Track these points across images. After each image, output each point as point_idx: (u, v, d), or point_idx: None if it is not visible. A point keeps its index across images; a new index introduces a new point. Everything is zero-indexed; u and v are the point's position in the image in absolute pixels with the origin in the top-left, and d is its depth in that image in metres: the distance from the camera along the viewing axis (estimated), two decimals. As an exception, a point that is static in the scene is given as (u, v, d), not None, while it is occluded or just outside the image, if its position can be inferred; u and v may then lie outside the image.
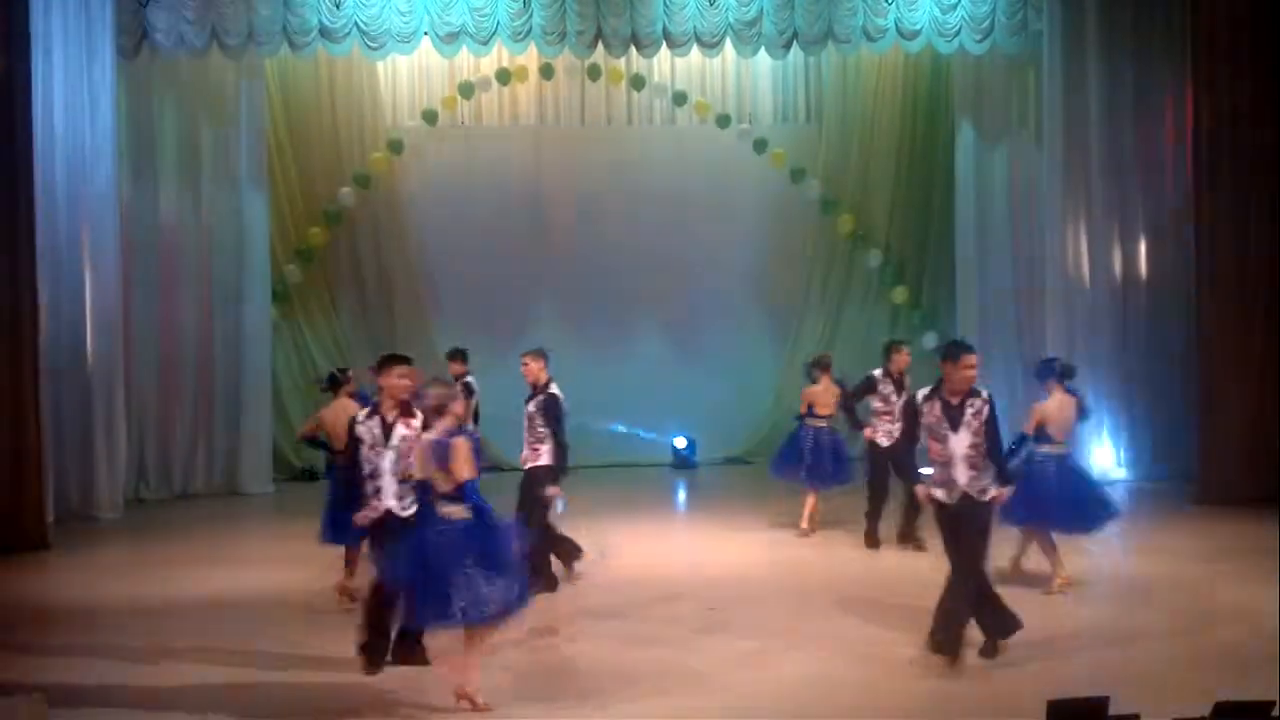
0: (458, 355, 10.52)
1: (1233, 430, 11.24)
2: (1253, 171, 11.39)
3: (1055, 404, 7.93)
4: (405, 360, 6.65)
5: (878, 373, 9.65)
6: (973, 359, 6.24)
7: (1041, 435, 7.85)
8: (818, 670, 6.26)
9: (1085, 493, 7.95)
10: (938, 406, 6.23)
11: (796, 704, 5.75)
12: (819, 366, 10.17)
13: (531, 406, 8.28)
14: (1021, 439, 7.83)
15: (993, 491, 6.23)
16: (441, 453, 5.62)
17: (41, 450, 10.33)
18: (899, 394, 9.10)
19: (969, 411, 6.16)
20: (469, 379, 10.11)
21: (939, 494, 6.27)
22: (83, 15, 11.44)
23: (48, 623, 7.57)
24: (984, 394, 6.25)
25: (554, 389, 8.27)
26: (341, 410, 7.90)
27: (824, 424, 9.92)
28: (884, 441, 9.20)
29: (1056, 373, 8.02)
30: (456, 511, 5.62)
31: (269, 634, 7.15)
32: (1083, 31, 12.57)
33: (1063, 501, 7.72)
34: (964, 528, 6.20)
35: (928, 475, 6.37)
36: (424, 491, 5.80)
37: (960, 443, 6.15)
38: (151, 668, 6.48)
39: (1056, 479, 7.76)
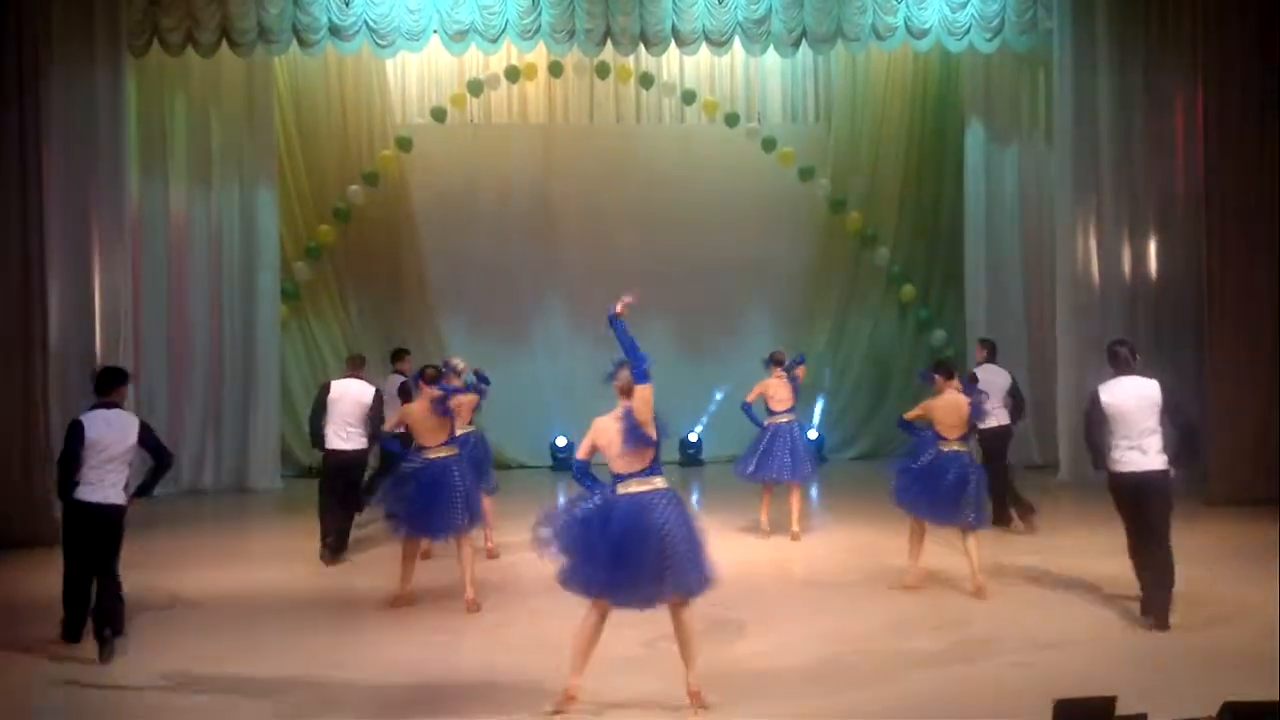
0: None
1: (1244, 430, 11.19)
2: (1264, 171, 11.35)
3: (943, 402, 8.06)
4: None
5: None
6: None
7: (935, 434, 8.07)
8: (825, 666, 6.25)
9: (964, 491, 7.93)
10: None
11: (801, 701, 5.74)
12: (773, 361, 10.27)
13: None
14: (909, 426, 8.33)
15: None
16: (638, 434, 5.52)
17: (50, 447, 10.34)
18: None
19: None
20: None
21: None
22: (93, 13, 11.48)
23: (54, 618, 7.59)
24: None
25: None
26: (426, 407, 7.94)
27: (784, 419, 10.00)
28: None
29: (944, 372, 8.20)
30: (659, 482, 5.52)
31: (276, 629, 7.18)
32: (1092, 30, 12.54)
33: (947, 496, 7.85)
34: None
35: None
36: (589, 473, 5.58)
37: None
38: (158, 663, 6.50)
39: (952, 474, 7.87)
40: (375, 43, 12.33)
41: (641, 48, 12.82)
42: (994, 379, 9.95)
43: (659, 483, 5.54)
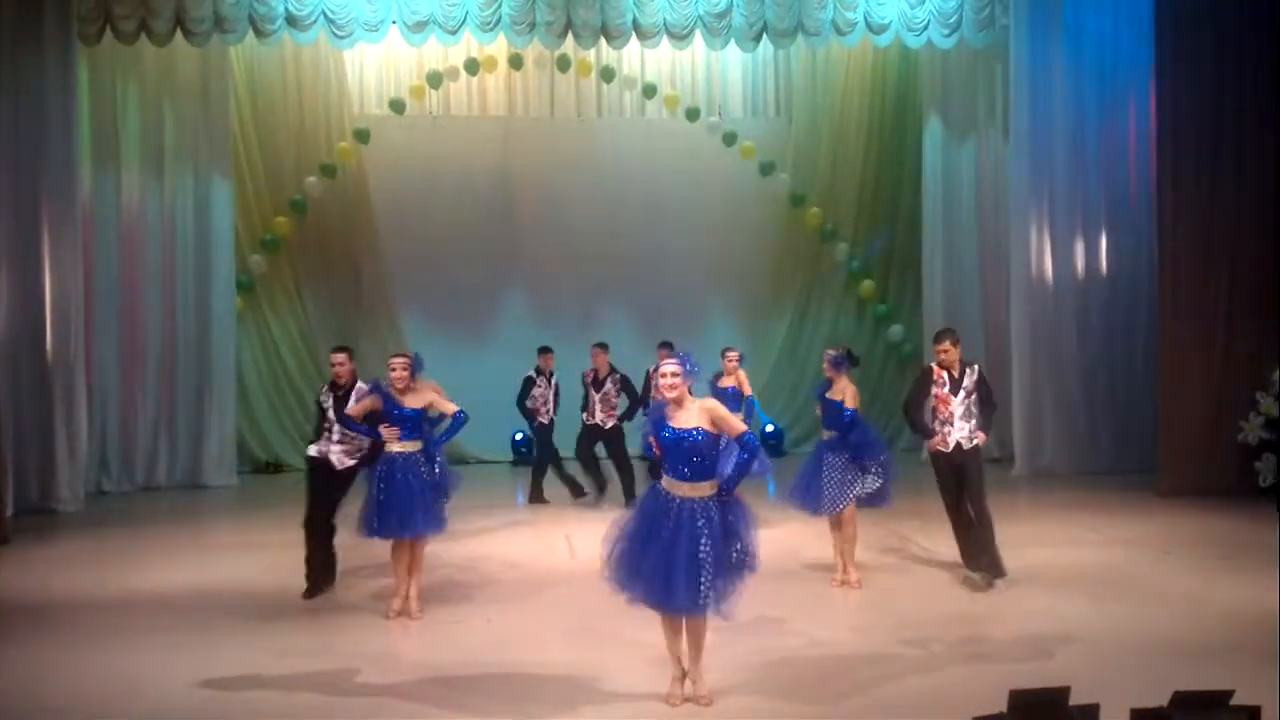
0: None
1: (1194, 424, 11.37)
2: (1217, 169, 11.53)
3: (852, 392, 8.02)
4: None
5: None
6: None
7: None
8: (775, 664, 6.26)
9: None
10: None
11: (758, 702, 5.75)
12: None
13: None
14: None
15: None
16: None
17: (0, 443, 10.16)
18: None
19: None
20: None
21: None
22: (44, 1, 11.25)
23: (6, 617, 7.46)
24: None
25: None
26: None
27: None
28: None
29: (849, 363, 8.11)
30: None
31: (231, 627, 7.10)
32: (1049, 27, 12.69)
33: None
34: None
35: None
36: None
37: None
38: (112, 662, 6.41)
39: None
40: (333, 33, 12.18)
41: (602, 41, 12.76)
42: None
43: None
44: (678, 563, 5.28)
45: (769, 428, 14.41)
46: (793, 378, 15.22)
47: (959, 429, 7.66)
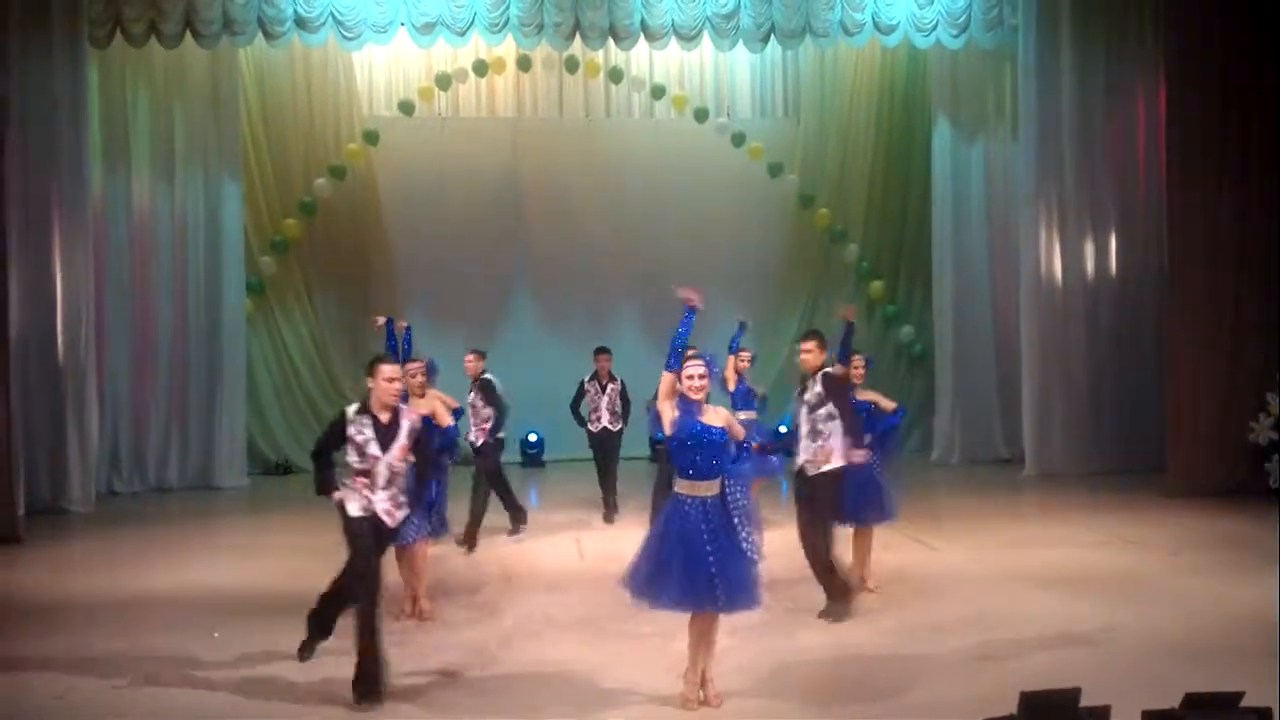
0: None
1: (1200, 424, 11.35)
2: (1224, 167, 11.50)
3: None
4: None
5: None
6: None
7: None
8: (788, 666, 6.27)
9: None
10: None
11: (770, 704, 5.75)
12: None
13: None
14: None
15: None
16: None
17: (12, 443, 10.21)
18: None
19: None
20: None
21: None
22: (52, 3, 11.30)
23: (18, 617, 7.49)
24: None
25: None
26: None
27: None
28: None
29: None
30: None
31: (242, 627, 7.12)
32: (1058, 26, 12.68)
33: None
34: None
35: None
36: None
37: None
38: (123, 662, 6.43)
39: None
40: (342, 35, 12.22)
41: (610, 42, 12.78)
42: None
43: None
44: (727, 560, 5.31)
45: (781, 428, 14.39)
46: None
47: (804, 449, 6.64)
